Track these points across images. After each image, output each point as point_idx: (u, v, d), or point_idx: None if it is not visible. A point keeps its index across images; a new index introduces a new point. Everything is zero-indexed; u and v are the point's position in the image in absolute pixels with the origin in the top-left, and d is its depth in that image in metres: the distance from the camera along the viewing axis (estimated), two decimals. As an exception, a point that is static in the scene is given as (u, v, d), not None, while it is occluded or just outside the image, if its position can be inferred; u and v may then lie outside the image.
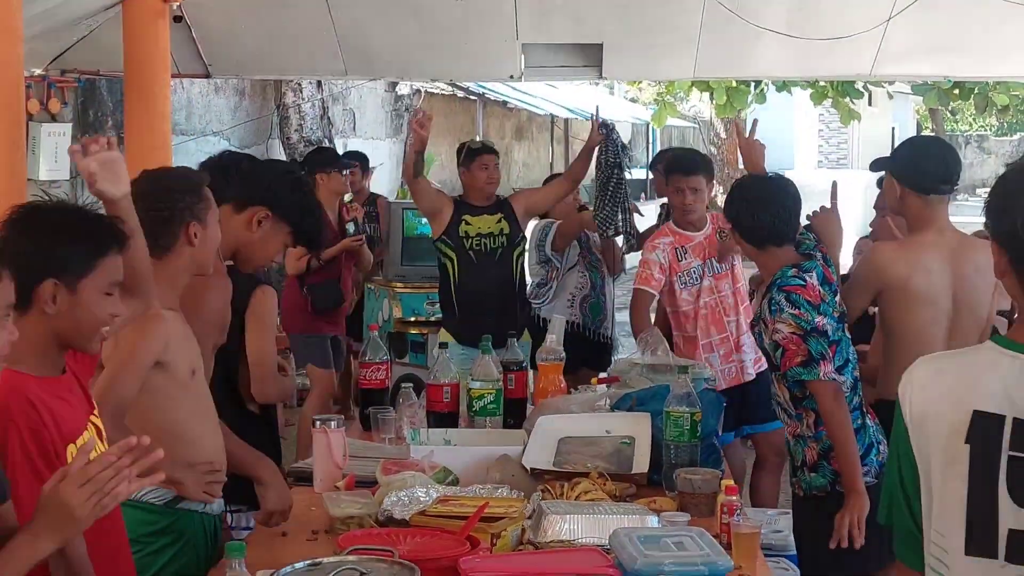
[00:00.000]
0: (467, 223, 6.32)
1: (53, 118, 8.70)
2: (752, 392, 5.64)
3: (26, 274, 2.48)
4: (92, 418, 2.65)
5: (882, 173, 4.46)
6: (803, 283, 3.84)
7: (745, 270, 6.05)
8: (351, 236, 7.54)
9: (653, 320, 6.20)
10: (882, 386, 4.17)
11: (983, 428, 2.01)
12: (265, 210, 3.70)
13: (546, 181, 7.65)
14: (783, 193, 4.03)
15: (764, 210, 3.95)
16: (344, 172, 7.66)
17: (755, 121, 5.46)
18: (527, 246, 6.56)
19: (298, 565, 2.35)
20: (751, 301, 5.79)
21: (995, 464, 2.00)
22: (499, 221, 6.34)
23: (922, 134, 24.41)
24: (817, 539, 3.81)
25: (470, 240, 6.30)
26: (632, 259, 6.89)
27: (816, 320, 3.78)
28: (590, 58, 8.70)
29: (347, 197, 8.00)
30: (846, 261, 4.98)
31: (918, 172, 4.16)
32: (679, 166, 5.97)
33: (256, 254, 3.78)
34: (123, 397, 3.03)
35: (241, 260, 3.79)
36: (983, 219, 2.16)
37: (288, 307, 7.38)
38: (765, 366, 5.79)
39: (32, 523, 2.21)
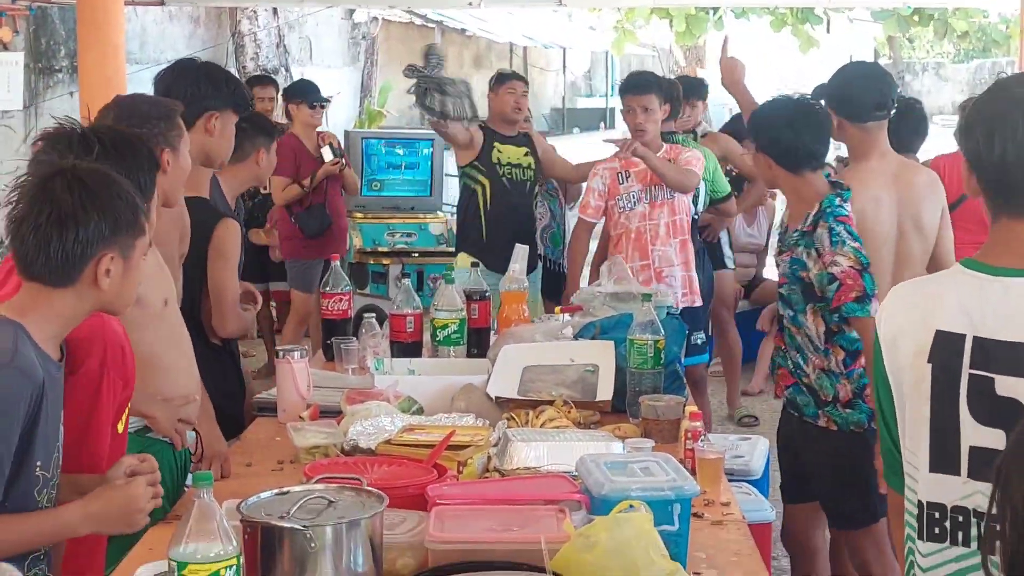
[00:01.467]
0: (498, 150, 6.32)
1: (5, 47, 8.56)
2: None
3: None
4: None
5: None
6: (848, 213, 3.76)
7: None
8: (330, 161, 7.54)
9: (596, 247, 6.24)
10: None
11: (944, 347, 2.04)
12: (210, 113, 3.74)
13: None
14: (817, 113, 3.90)
15: (804, 130, 3.80)
16: (314, 106, 7.65)
17: (726, 38, 5.41)
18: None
19: (265, 494, 2.34)
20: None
21: (956, 382, 2.03)
22: (526, 154, 6.37)
23: (853, 61, 24.43)
24: (856, 474, 3.76)
25: (503, 168, 6.31)
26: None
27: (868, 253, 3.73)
28: (550, -15, 8.63)
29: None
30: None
31: (851, 101, 4.12)
32: (630, 85, 5.87)
33: (223, 148, 3.83)
34: None
35: (214, 161, 3.84)
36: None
37: (282, 237, 7.70)
38: (695, 304, 5.83)
39: (90, 506, 2.34)
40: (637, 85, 5.81)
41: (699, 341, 5.99)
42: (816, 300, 3.74)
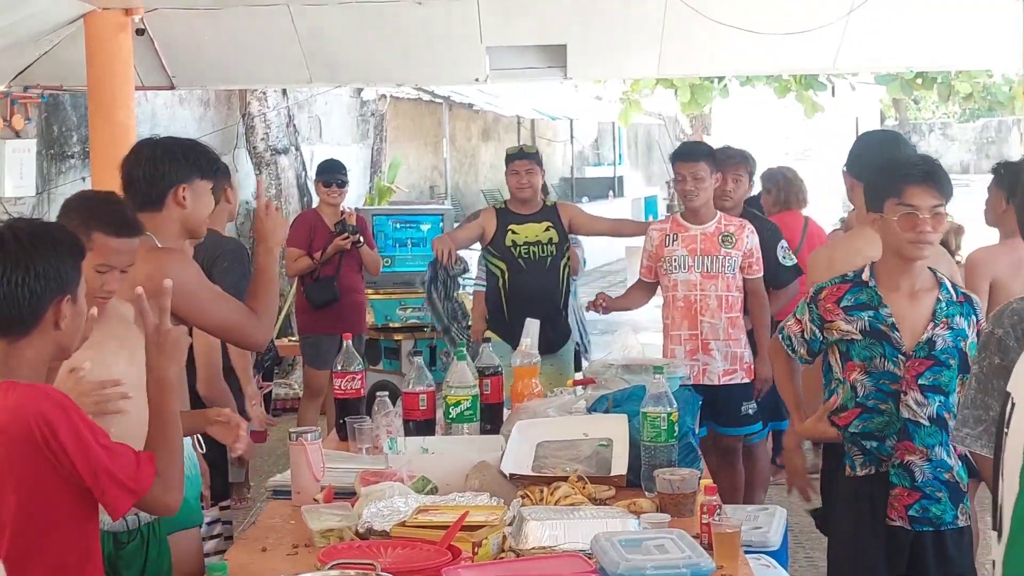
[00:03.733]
0: (514, 232, 6.41)
1: (17, 134, 8.66)
2: (720, 396, 5.67)
3: (38, 298, 2.52)
4: None
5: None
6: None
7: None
8: (338, 236, 7.62)
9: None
10: None
11: None
12: (175, 188, 3.74)
13: None
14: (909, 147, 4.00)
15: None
16: (329, 184, 7.84)
17: None
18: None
19: (281, 581, 2.34)
20: None
21: None
22: (547, 229, 6.43)
23: (880, 126, 24.57)
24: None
25: (518, 248, 6.40)
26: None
27: None
28: (555, 59, 8.72)
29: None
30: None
31: (863, 164, 4.26)
32: (680, 152, 5.96)
33: (201, 216, 3.82)
34: None
35: (197, 232, 3.85)
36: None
37: (297, 311, 7.97)
38: (736, 379, 5.78)
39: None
40: (687, 153, 5.89)
41: (750, 411, 5.84)
42: (966, 371, 3.48)
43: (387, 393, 4.32)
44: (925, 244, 3.60)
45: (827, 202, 14.48)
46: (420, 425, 4.22)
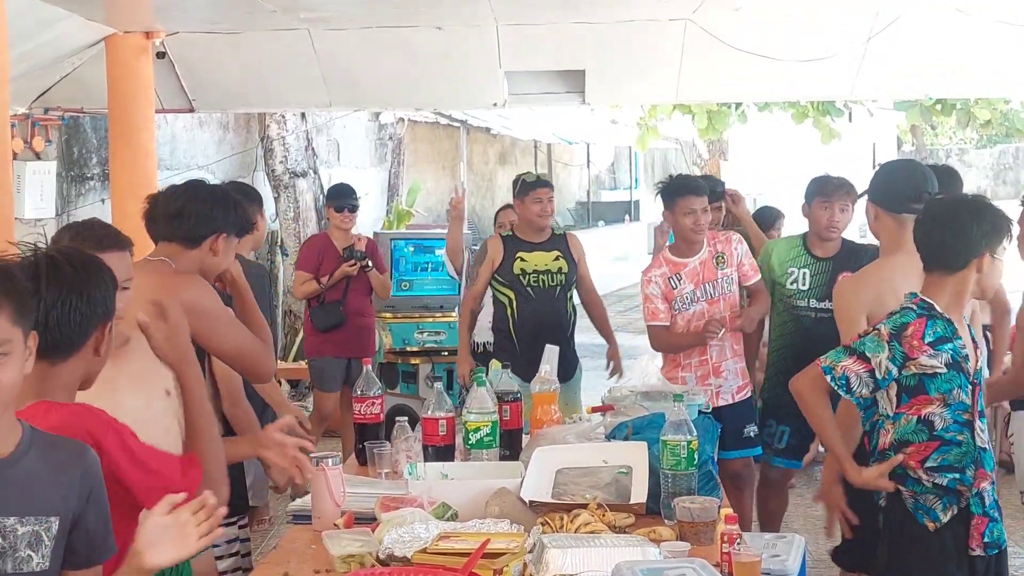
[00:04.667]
0: (522, 260, 6.42)
1: (38, 156, 8.71)
2: (726, 418, 5.60)
3: (88, 322, 2.58)
4: None
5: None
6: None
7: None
8: (346, 263, 7.64)
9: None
10: None
11: None
12: (217, 236, 3.90)
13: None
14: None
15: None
16: (341, 209, 7.82)
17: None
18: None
19: (304, 608, 2.34)
20: None
21: None
22: (556, 259, 6.44)
23: (897, 152, 24.55)
24: None
25: (527, 276, 6.42)
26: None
27: None
28: (572, 84, 8.75)
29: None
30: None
31: (888, 193, 4.32)
32: (690, 187, 5.88)
33: (217, 269, 3.99)
34: None
35: (208, 277, 3.97)
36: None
37: (305, 334, 8.06)
38: (747, 394, 5.85)
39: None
40: (698, 187, 5.86)
41: (751, 433, 5.89)
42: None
43: (406, 419, 4.33)
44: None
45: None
46: (440, 451, 4.22)
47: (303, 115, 11.82)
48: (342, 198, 7.90)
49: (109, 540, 2.41)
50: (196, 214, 3.84)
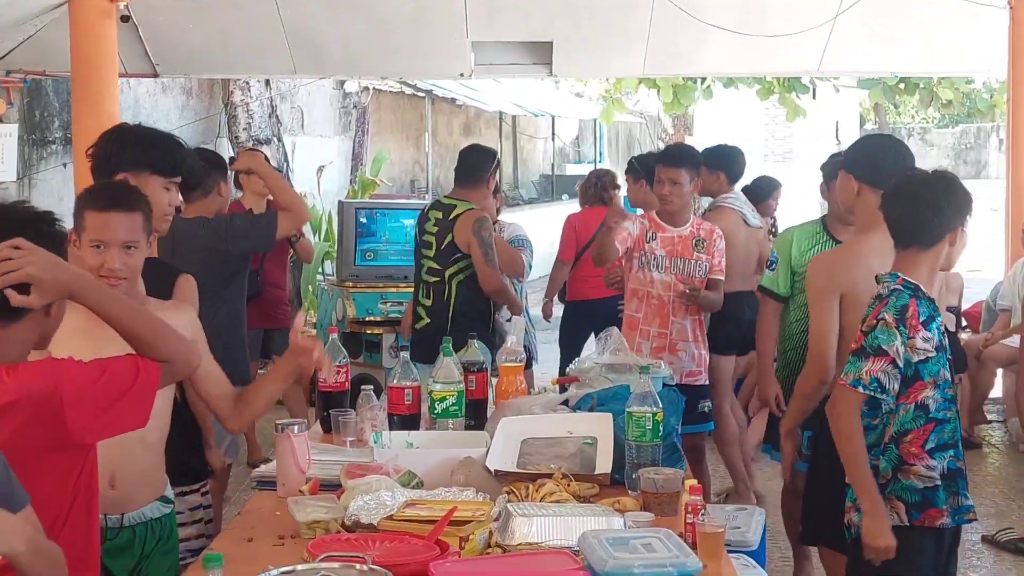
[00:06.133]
0: None
1: (-1, 119, 8.61)
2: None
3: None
4: None
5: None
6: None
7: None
8: None
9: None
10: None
11: None
12: (121, 175, 3.67)
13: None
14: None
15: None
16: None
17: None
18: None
19: (272, 573, 2.34)
20: None
21: None
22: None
23: (860, 129, 24.65)
24: None
25: None
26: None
27: None
28: (540, 56, 8.74)
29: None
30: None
31: (875, 168, 4.20)
32: (662, 156, 6.04)
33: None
34: None
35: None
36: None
37: None
38: (700, 381, 5.92)
39: None
40: (669, 158, 5.94)
41: (706, 409, 6.00)
42: None
43: (372, 388, 4.33)
44: None
45: (807, 204, 14.55)
46: (405, 420, 4.21)
47: (267, 82, 11.74)
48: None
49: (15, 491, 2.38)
50: (96, 155, 3.72)
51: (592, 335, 8.19)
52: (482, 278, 5.87)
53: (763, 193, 8.53)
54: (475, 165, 6.18)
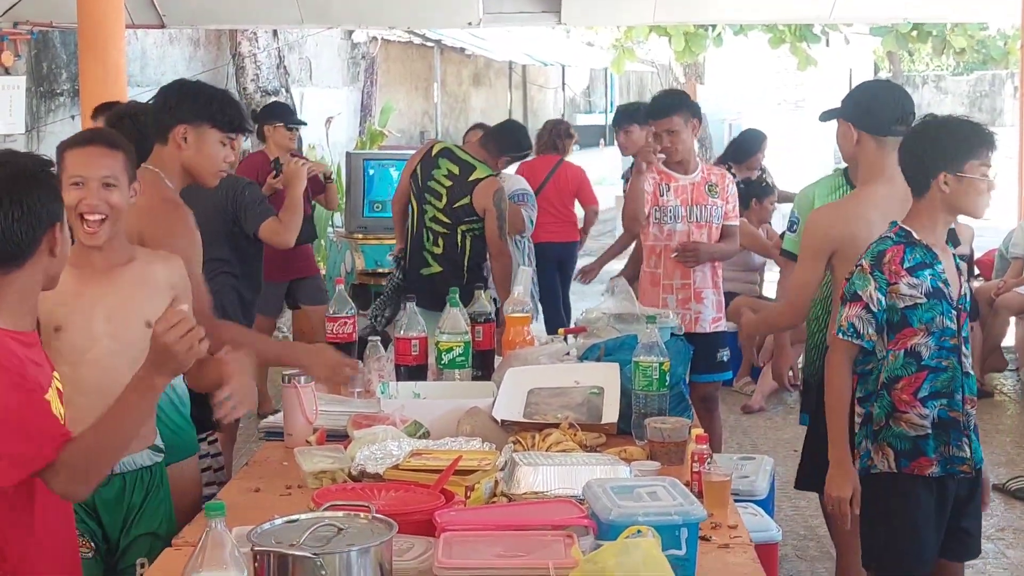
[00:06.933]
0: None
1: (7, 71, 8.60)
2: (700, 343, 5.51)
3: (32, 229, 2.50)
4: (55, 375, 2.64)
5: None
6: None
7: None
8: (272, 179, 7.15)
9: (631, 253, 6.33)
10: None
11: None
12: (180, 126, 3.74)
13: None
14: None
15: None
16: (291, 128, 7.59)
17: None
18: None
19: (276, 522, 2.35)
20: None
21: None
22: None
23: (873, 78, 24.45)
24: None
25: None
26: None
27: None
28: (549, 3, 8.68)
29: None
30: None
31: (873, 114, 4.09)
32: (651, 111, 5.81)
33: (203, 166, 3.80)
34: None
35: (198, 182, 3.84)
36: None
37: None
38: (722, 327, 5.84)
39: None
40: (657, 110, 5.74)
41: (724, 358, 5.89)
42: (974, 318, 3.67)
43: (379, 339, 4.33)
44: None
45: (819, 153, 14.46)
46: (412, 370, 4.22)
47: (275, 32, 11.68)
48: (292, 115, 7.72)
49: None
50: (151, 108, 3.77)
51: (556, 277, 8.26)
52: (492, 248, 5.98)
53: (750, 147, 8.50)
54: (512, 144, 6.28)
